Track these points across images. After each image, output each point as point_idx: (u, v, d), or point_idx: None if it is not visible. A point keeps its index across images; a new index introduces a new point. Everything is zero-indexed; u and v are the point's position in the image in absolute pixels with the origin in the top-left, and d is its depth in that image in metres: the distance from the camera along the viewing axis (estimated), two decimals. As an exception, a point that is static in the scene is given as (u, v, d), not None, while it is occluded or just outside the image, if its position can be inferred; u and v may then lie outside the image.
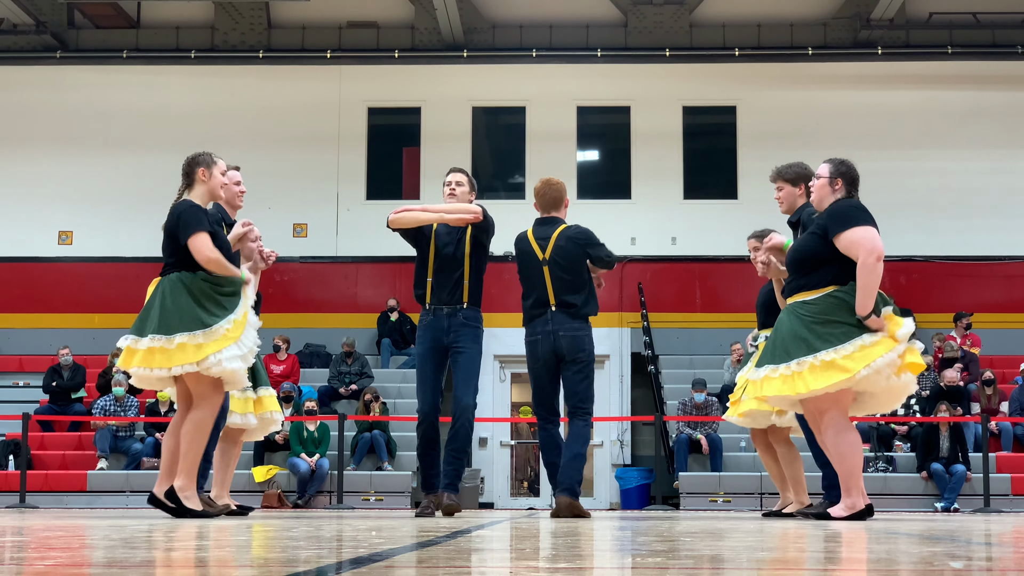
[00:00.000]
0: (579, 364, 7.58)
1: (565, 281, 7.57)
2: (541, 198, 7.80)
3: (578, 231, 7.67)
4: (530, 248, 7.70)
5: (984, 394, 15.77)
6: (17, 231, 18.70)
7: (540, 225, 7.78)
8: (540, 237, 7.68)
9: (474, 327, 7.54)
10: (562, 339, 7.54)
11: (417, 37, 19.04)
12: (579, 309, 7.58)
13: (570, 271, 7.59)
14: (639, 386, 17.88)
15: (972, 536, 4.64)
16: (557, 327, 7.55)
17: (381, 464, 14.84)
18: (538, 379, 7.73)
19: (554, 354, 7.60)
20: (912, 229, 18.23)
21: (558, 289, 7.58)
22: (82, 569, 2.75)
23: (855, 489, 6.41)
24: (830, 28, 18.98)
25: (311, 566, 2.79)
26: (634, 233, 18.38)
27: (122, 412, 15.04)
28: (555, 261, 7.60)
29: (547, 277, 7.60)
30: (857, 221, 6.28)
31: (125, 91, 18.94)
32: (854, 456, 6.36)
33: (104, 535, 4.29)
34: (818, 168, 6.74)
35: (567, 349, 7.55)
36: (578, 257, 7.61)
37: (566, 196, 7.88)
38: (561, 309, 7.56)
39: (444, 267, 7.51)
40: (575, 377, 7.62)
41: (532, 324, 7.68)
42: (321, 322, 18.24)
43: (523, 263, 7.73)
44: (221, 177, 6.72)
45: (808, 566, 2.97)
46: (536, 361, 7.68)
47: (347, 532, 4.67)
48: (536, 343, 7.65)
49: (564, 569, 2.81)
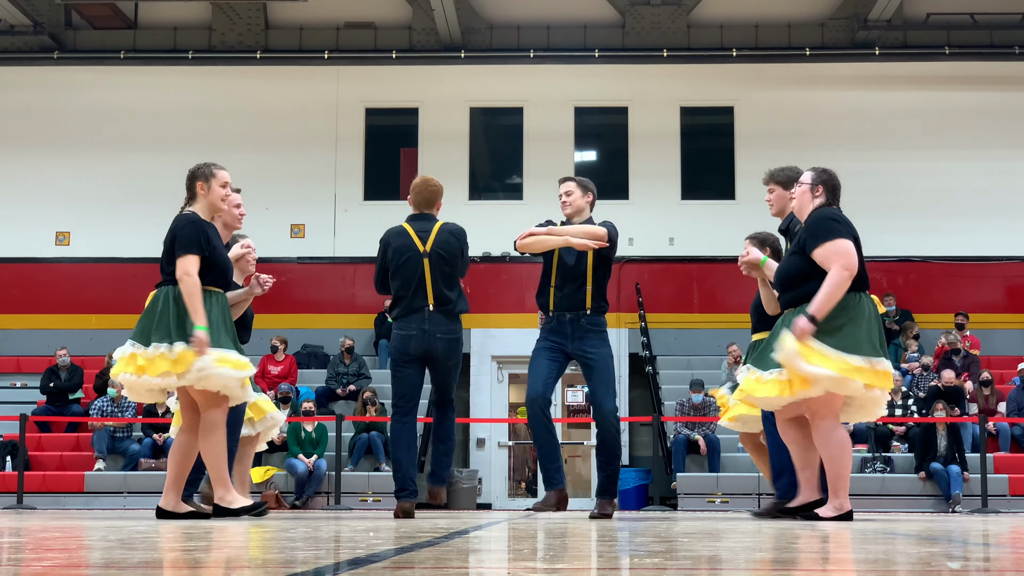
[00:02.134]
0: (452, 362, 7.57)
1: (445, 275, 7.47)
2: (417, 195, 7.68)
3: (457, 227, 7.65)
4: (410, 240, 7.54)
5: (982, 394, 15.78)
6: (14, 232, 18.69)
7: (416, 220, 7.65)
8: (419, 230, 7.56)
9: (599, 331, 7.51)
10: (439, 341, 7.43)
11: (415, 38, 19.04)
12: (454, 306, 7.49)
13: (450, 264, 7.50)
14: (637, 387, 17.88)
15: (969, 537, 4.64)
16: (434, 328, 7.43)
17: (379, 465, 14.83)
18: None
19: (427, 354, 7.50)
20: (909, 229, 18.25)
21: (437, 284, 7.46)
22: (79, 570, 2.74)
23: (843, 491, 6.43)
24: (828, 29, 18.99)
25: (309, 567, 2.79)
26: (632, 234, 18.37)
27: (119, 413, 15.02)
28: (437, 254, 7.48)
29: (427, 270, 7.45)
30: (833, 235, 6.33)
31: (122, 92, 18.93)
32: (844, 457, 6.39)
33: (101, 536, 4.28)
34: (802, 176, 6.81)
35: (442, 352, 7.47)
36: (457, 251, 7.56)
37: (440, 199, 7.75)
38: (439, 308, 7.43)
39: (567, 277, 7.47)
40: (449, 376, 7.60)
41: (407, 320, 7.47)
42: (319, 323, 18.24)
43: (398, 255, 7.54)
44: (221, 190, 6.64)
45: (806, 567, 2.97)
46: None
47: (345, 533, 4.66)
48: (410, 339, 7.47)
49: (562, 570, 2.81)
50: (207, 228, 6.52)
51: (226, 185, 6.68)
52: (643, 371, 17.15)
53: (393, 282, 7.49)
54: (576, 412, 18.01)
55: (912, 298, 18.12)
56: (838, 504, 6.45)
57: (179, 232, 6.44)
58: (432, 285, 7.39)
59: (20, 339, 18.21)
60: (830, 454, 6.37)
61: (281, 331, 17.05)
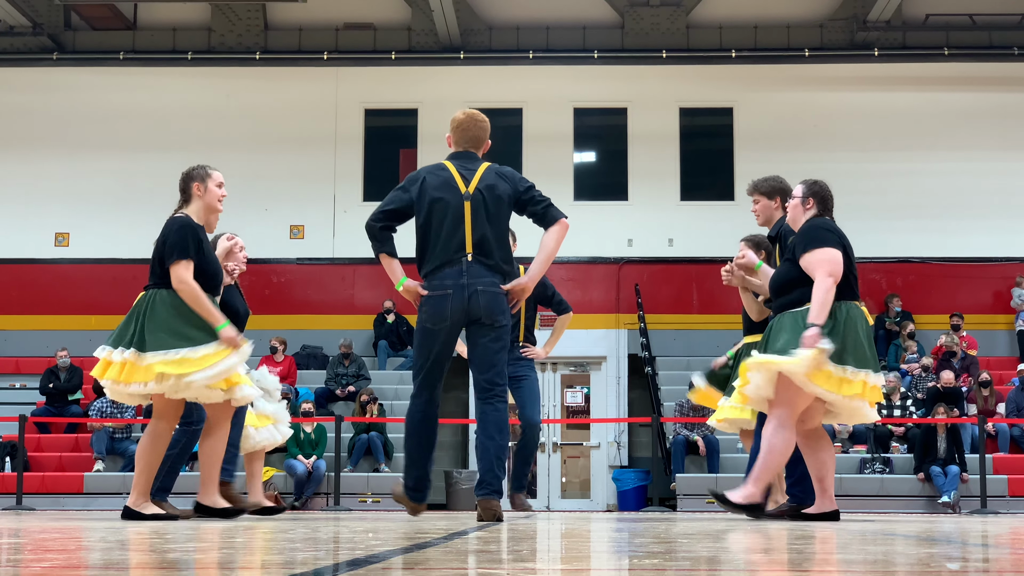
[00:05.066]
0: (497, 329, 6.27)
1: (490, 222, 6.29)
2: (463, 133, 6.52)
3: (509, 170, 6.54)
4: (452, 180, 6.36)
5: (981, 395, 15.80)
6: (13, 233, 18.68)
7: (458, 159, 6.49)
8: (462, 169, 6.40)
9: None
10: (480, 296, 6.20)
11: (414, 39, 19.04)
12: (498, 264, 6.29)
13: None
14: (636, 387, 17.88)
15: (969, 537, 4.65)
16: (473, 280, 6.21)
17: (378, 466, 14.84)
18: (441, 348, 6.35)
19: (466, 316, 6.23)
20: (908, 230, 18.25)
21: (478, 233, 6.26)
22: (79, 571, 2.74)
23: (762, 481, 6.48)
24: (827, 29, 18.99)
25: (308, 568, 2.79)
26: (631, 235, 18.39)
27: (119, 414, 15.03)
28: (481, 196, 6.30)
29: (467, 216, 6.27)
30: (821, 243, 6.44)
31: (122, 93, 18.92)
32: (783, 455, 6.44)
33: (101, 537, 4.28)
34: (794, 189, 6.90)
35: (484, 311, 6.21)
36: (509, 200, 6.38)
37: (488, 138, 6.61)
38: (479, 259, 6.23)
39: None
40: (493, 346, 6.29)
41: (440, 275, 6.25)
42: (318, 324, 18.24)
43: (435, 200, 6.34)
44: (217, 190, 6.62)
45: (804, 568, 2.97)
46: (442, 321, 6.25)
47: (344, 534, 4.67)
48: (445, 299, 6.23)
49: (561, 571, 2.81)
50: (199, 231, 6.47)
51: (221, 185, 6.68)
52: (642, 372, 17.15)
53: (423, 228, 6.28)
54: (575, 412, 18.02)
55: (911, 299, 18.13)
56: (749, 492, 6.47)
57: (169, 237, 6.37)
58: (472, 231, 6.20)
59: (19, 340, 18.21)
60: (770, 444, 6.38)
61: (280, 332, 17.05)
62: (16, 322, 18.38)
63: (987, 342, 17.82)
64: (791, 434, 6.43)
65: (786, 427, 6.40)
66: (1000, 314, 18.21)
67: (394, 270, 6.29)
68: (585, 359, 17.83)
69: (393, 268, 6.29)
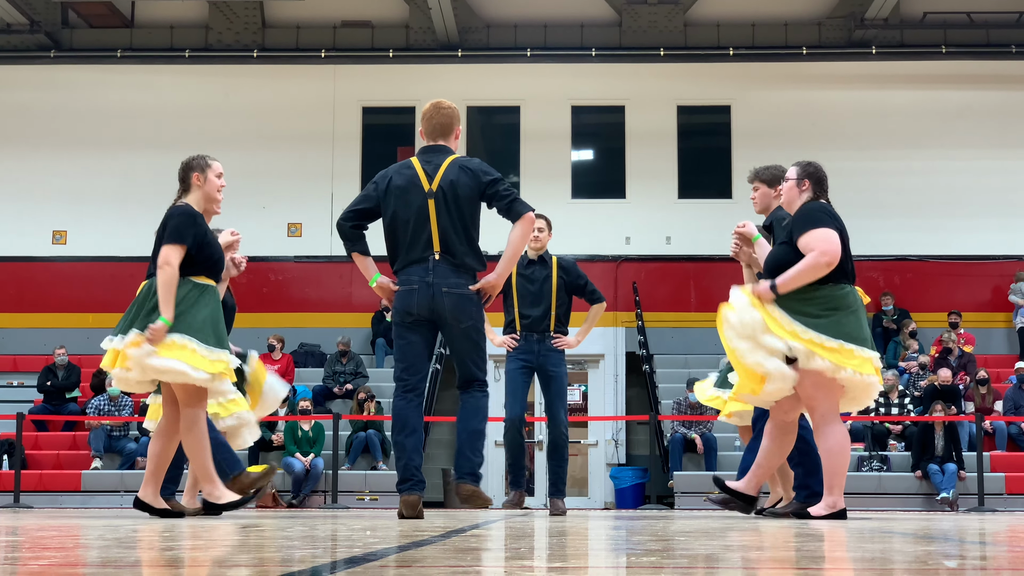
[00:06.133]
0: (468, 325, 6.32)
1: (453, 219, 6.28)
2: (428, 122, 6.52)
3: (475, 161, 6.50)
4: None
5: (978, 393, 15.81)
6: (11, 231, 18.68)
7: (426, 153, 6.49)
8: (427, 164, 6.37)
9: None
10: (445, 297, 6.22)
11: (412, 36, 19.03)
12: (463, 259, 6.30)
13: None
14: (634, 385, 17.89)
15: (966, 535, 4.65)
16: (439, 280, 6.23)
17: (376, 464, 14.83)
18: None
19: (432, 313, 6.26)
20: (906, 228, 18.26)
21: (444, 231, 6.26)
22: (76, 569, 2.74)
23: (837, 488, 6.44)
24: (825, 28, 19.00)
25: (306, 566, 2.79)
26: (629, 233, 18.40)
27: (116, 412, 15.02)
28: (444, 193, 6.27)
29: (432, 214, 6.26)
30: (818, 224, 6.37)
31: (119, 90, 18.91)
32: (841, 455, 6.39)
33: (99, 535, 4.28)
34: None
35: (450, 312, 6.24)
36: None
37: (458, 125, 6.60)
38: (445, 257, 6.23)
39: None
40: (465, 344, 6.36)
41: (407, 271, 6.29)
42: (316, 322, 18.23)
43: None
44: (217, 180, 6.63)
45: (802, 565, 2.97)
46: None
47: (342, 532, 4.66)
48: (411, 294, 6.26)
49: (559, 568, 2.81)
50: (200, 220, 6.49)
51: (221, 176, 6.70)
52: (640, 370, 17.16)
53: (390, 227, 6.32)
54: (573, 410, 18.01)
55: (908, 297, 18.14)
56: (832, 502, 6.45)
57: (169, 222, 6.39)
58: (438, 229, 6.21)
59: (17, 338, 18.21)
60: (826, 448, 6.38)
61: (278, 330, 17.06)
62: (14, 320, 18.38)
63: (984, 340, 17.84)
64: (840, 427, 6.40)
65: (831, 423, 6.36)
66: (998, 312, 18.23)
67: (367, 267, 6.33)
68: (583, 357, 17.84)
69: (366, 265, 6.33)
